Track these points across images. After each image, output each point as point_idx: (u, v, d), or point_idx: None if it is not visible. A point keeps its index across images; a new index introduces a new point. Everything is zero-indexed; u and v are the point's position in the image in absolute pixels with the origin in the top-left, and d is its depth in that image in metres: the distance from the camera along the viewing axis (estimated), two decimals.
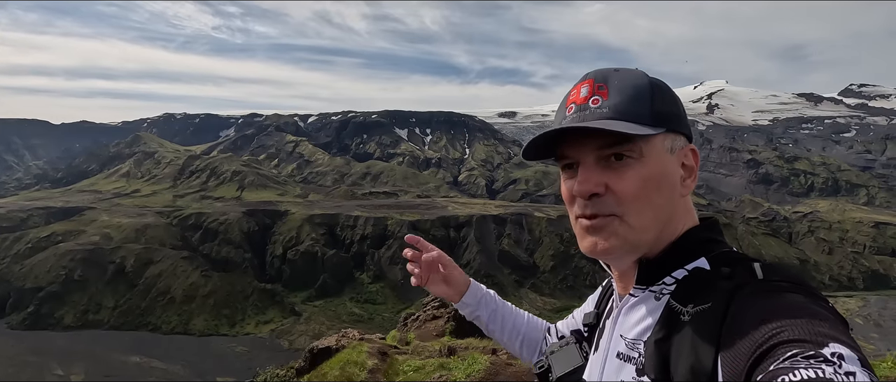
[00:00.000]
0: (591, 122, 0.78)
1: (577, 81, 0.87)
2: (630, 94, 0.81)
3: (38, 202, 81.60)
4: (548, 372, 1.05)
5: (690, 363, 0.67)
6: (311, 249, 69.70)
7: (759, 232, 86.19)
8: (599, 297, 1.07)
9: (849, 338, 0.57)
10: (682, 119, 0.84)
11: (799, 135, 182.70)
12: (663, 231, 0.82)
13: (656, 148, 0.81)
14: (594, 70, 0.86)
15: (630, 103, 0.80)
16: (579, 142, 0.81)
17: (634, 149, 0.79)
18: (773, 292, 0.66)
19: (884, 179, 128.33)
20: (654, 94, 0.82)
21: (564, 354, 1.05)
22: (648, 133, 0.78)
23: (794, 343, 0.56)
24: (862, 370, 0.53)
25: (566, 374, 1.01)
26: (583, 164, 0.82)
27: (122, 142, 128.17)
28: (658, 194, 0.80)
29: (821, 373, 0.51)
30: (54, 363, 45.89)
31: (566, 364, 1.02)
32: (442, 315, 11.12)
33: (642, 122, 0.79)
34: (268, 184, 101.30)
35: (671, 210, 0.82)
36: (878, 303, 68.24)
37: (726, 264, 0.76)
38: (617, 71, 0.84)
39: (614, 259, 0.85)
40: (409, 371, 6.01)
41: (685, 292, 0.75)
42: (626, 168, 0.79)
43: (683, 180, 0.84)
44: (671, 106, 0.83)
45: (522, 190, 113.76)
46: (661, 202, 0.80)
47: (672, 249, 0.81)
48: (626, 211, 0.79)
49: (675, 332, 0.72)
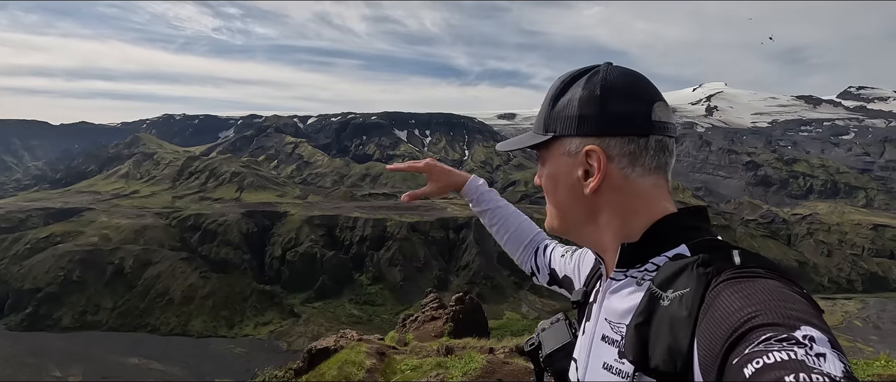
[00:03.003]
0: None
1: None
2: (542, 104, 0.92)
3: (36, 203, 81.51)
4: (538, 349, 1.09)
5: (667, 345, 0.69)
6: (310, 250, 69.66)
7: (757, 234, 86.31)
8: (589, 276, 1.10)
9: (821, 322, 0.59)
10: (584, 119, 0.85)
11: (798, 137, 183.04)
12: (577, 222, 0.91)
13: (552, 152, 0.90)
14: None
15: (540, 113, 0.92)
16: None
17: (541, 155, 0.93)
18: (749, 278, 0.67)
19: (882, 181, 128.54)
20: (555, 100, 0.89)
21: (554, 331, 1.09)
22: (532, 143, 0.91)
23: (767, 327, 0.58)
24: (832, 351, 0.54)
25: (555, 350, 1.05)
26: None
27: (122, 143, 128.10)
28: (556, 191, 0.91)
29: (793, 355, 0.53)
30: (52, 364, 45.81)
31: (555, 342, 1.07)
32: (440, 316, 11.16)
33: (537, 131, 0.92)
34: (267, 185, 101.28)
35: (579, 206, 0.89)
36: (877, 305, 68.34)
37: (706, 251, 0.78)
38: (571, 77, 0.90)
39: (557, 236, 1.03)
40: (407, 371, 6.04)
41: (665, 277, 0.77)
42: (541, 167, 0.95)
43: (584, 179, 0.86)
44: (571, 110, 0.86)
45: (522, 191, 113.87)
46: (562, 198, 0.91)
47: (650, 235, 0.84)
48: (546, 200, 0.96)
49: (654, 316, 0.74)
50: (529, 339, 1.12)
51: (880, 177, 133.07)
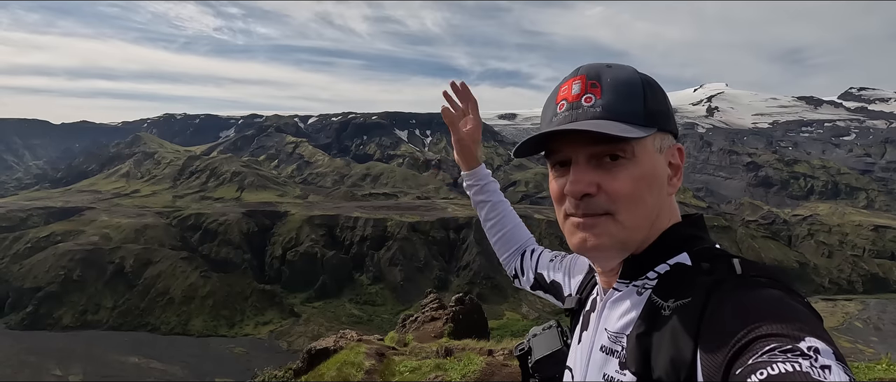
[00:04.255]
0: (586, 124, 0.78)
1: (567, 76, 0.86)
2: (623, 93, 0.80)
3: (37, 202, 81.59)
4: (527, 355, 1.08)
5: (670, 356, 0.68)
6: (310, 250, 69.66)
7: (758, 235, 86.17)
8: (582, 284, 1.07)
9: (824, 333, 0.59)
10: (670, 117, 0.84)
11: (799, 138, 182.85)
12: (651, 229, 0.82)
13: (647, 148, 0.81)
14: (586, 65, 0.85)
15: (624, 102, 0.80)
16: (572, 140, 0.81)
17: (628, 149, 0.79)
18: (752, 287, 0.67)
19: (883, 183, 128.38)
20: (646, 93, 0.81)
21: (545, 338, 1.08)
22: (641, 135, 0.78)
23: (771, 338, 0.57)
24: (836, 363, 0.54)
25: (544, 357, 1.04)
26: (575, 164, 0.81)
27: (122, 143, 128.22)
28: (649, 193, 0.80)
29: (798, 366, 0.53)
30: (53, 363, 45.81)
31: (545, 348, 1.05)
32: (440, 316, 11.13)
33: (635, 123, 0.78)
34: (267, 184, 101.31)
35: (659, 208, 0.82)
36: (878, 307, 68.21)
37: (707, 259, 0.77)
38: (609, 67, 0.83)
39: (603, 257, 0.84)
40: (406, 372, 6.02)
41: (666, 287, 0.76)
42: (619, 168, 0.79)
43: (670, 179, 0.84)
44: (661, 104, 0.83)
45: (522, 191, 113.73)
46: (652, 201, 0.81)
47: (655, 245, 0.82)
48: (618, 210, 0.79)
49: (656, 326, 0.73)
50: (520, 344, 1.12)
51: (881, 178, 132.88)
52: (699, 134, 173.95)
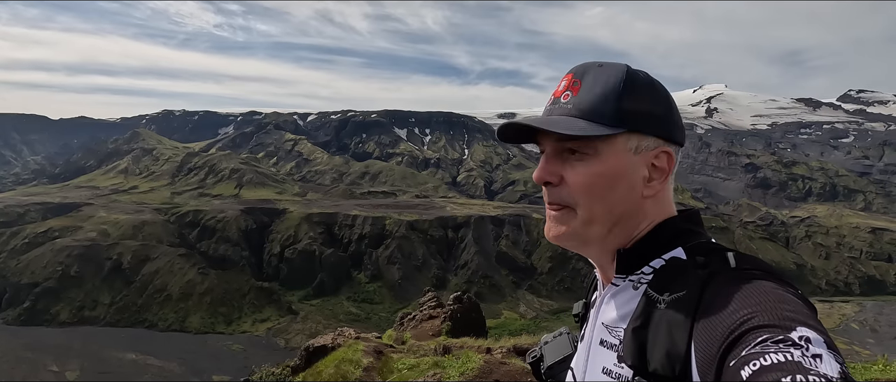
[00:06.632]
0: (540, 121, 0.82)
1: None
2: (598, 93, 0.82)
3: (35, 197, 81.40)
4: (540, 361, 1.09)
5: (665, 349, 0.69)
6: (308, 248, 69.63)
7: (756, 237, 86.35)
8: (587, 289, 1.09)
9: (816, 322, 0.60)
10: (656, 119, 0.84)
11: (797, 139, 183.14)
12: (617, 227, 0.84)
13: (616, 147, 0.82)
14: (581, 63, 0.88)
15: (595, 101, 0.82)
16: (546, 132, 0.83)
17: (589, 146, 0.81)
18: (745, 279, 0.68)
19: (881, 185, 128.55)
20: (624, 93, 0.82)
21: (556, 344, 1.09)
22: (602, 133, 0.79)
23: (764, 329, 0.58)
24: (828, 352, 0.55)
25: (556, 363, 1.05)
26: (544, 154, 0.87)
27: (121, 139, 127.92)
28: (610, 192, 0.82)
29: (790, 356, 0.54)
30: (50, 359, 45.75)
31: (557, 354, 1.07)
32: (438, 314, 11.14)
33: (603, 122, 0.80)
34: (266, 182, 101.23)
35: (628, 208, 0.83)
36: (874, 308, 68.40)
37: (702, 254, 0.78)
38: (600, 66, 0.85)
39: (569, 247, 0.88)
40: (404, 370, 6.03)
41: (662, 281, 0.77)
42: (579, 162, 0.82)
43: (648, 181, 0.84)
44: (644, 105, 0.83)
45: (521, 191, 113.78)
46: (614, 200, 0.82)
47: (649, 239, 0.84)
48: (578, 203, 0.83)
49: (651, 320, 0.74)
50: (532, 351, 1.13)
51: (879, 180, 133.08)
52: (698, 135, 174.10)
